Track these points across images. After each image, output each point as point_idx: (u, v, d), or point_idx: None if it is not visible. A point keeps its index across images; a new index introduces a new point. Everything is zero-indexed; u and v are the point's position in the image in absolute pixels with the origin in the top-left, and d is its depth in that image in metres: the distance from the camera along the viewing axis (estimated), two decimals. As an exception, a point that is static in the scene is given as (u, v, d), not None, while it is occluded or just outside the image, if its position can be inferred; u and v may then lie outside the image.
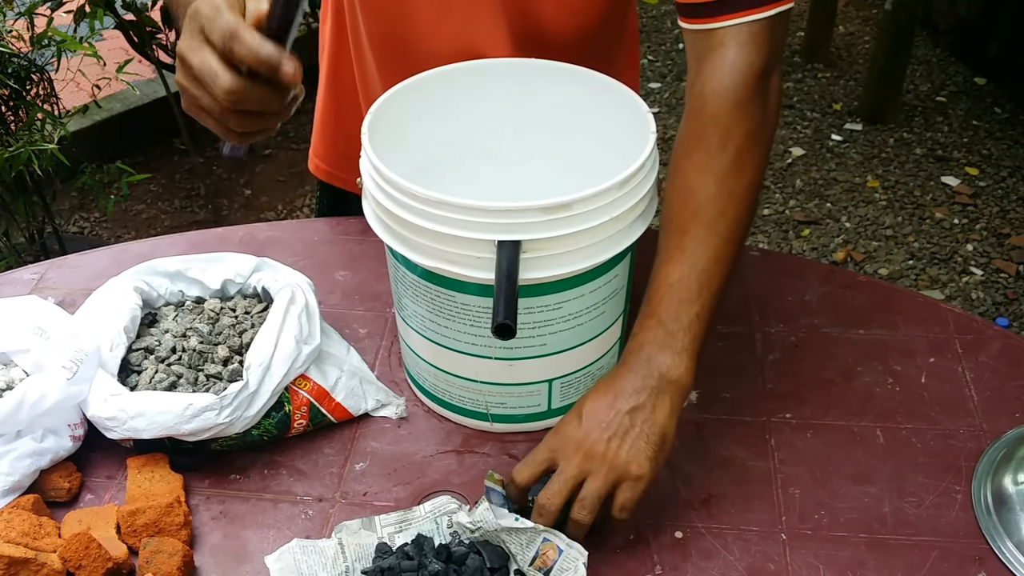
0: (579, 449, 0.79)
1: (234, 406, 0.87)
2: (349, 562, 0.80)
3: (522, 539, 0.79)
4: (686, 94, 0.87)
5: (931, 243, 2.64)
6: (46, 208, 2.23)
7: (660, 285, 0.83)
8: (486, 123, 1.01)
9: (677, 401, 0.81)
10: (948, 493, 0.89)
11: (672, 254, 0.83)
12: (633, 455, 0.79)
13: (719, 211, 0.83)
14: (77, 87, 2.22)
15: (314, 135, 1.25)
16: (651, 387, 0.80)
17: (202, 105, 0.73)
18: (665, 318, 0.81)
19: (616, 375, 0.82)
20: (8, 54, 1.92)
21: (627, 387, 0.80)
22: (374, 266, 1.16)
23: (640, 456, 0.79)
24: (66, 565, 0.79)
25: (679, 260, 0.82)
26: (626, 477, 0.79)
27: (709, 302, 0.82)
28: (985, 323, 1.07)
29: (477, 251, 0.80)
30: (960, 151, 2.99)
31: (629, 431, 0.79)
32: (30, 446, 0.87)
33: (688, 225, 0.83)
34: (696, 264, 0.82)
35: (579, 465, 0.79)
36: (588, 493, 0.78)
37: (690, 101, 0.86)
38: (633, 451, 0.79)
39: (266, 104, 0.73)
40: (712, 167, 0.83)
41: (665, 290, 0.82)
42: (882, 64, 3.02)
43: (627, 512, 0.80)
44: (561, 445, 0.81)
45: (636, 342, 0.83)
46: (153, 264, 1.02)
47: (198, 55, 0.71)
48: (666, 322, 0.81)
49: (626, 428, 0.79)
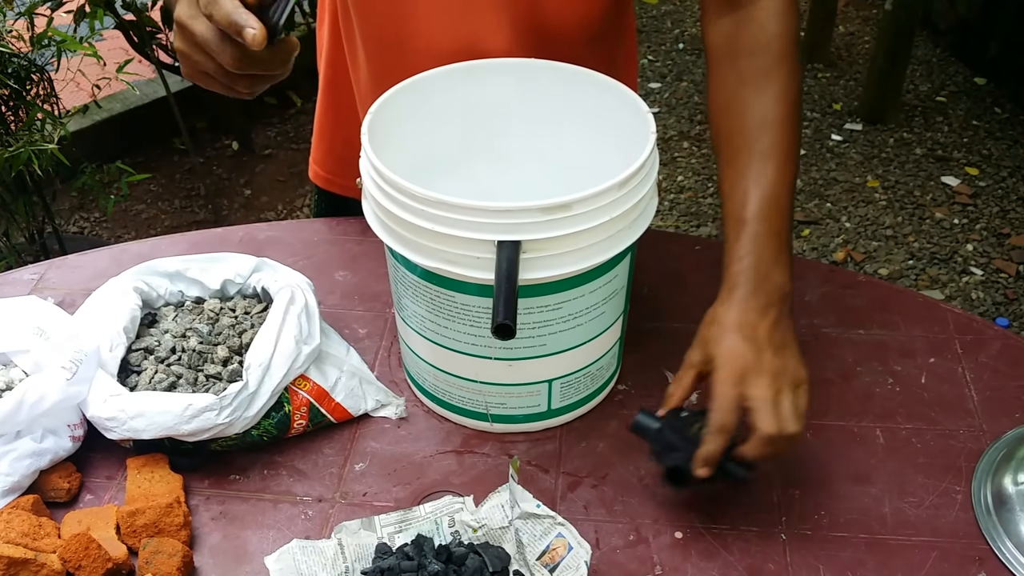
0: (737, 365, 0.81)
1: (234, 406, 0.87)
2: (349, 562, 0.80)
3: (537, 530, 0.79)
4: (714, 37, 0.93)
5: (931, 243, 2.64)
6: (46, 208, 2.23)
7: (754, 201, 0.86)
8: (486, 123, 1.01)
9: (790, 311, 0.86)
10: (948, 493, 0.89)
11: (758, 175, 0.87)
12: (794, 362, 0.82)
13: (795, 135, 0.90)
14: (77, 87, 2.22)
15: (314, 140, 1.25)
16: (776, 303, 0.84)
17: (206, 71, 0.76)
18: (770, 234, 0.86)
19: (737, 298, 0.84)
20: (8, 54, 1.92)
21: (757, 306, 0.83)
22: (374, 266, 1.16)
23: (798, 361, 0.83)
24: (66, 566, 0.79)
25: (766, 180, 0.87)
26: (800, 382, 0.82)
27: (791, 217, 0.89)
28: (985, 323, 1.07)
29: (477, 251, 0.80)
30: (960, 151, 2.99)
31: (780, 342, 0.82)
32: (29, 446, 0.87)
33: (772, 150, 0.88)
34: (780, 184, 0.87)
35: (742, 379, 0.80)
36: (782, 401, 0.80)
37: (743, 40, 0.91)
38: (792, 359, 0.82)
39: (269, 66, 0.75)
40: (788, 98, 0.90)
41: (763, 206, 0.86)
42: (882, 64, 3.02)
43: (803, 420, 0.81)
44: (717, 364, 0.82)
45: (748, 261, 0.85)
46: (153, 264, 1.02)
47: (200, 23, 0.74)
48: (771, 238, 0.86)
49: (777, 341, 0.82)
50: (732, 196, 0.88)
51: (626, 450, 0.93)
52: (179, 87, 2.80)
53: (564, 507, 0.88)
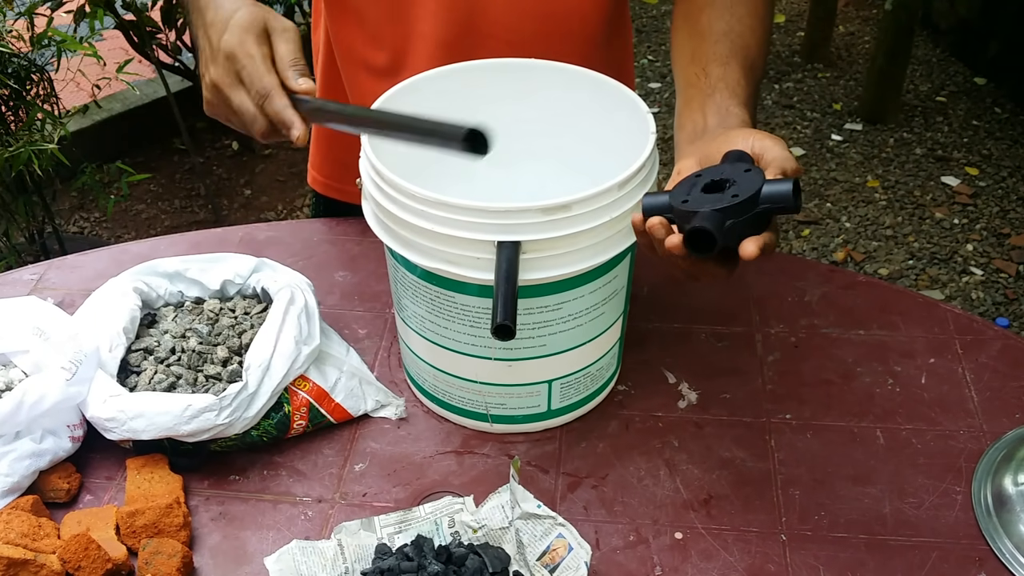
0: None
1: (233, 407, 0.87)
2: (349, 563, 0.80)
3: (537, 530, 0.79)
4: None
5: (931, 243, 2.64)
6: (46, 208, 2.23)
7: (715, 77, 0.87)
8: (486, 123, 1.01)
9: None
10: (948, 494, 0.89)
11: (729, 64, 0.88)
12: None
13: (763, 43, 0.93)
14: (77, 87, 2.22)
15: (311, 145, 1.25)
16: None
17: (231, 123, 0.88)
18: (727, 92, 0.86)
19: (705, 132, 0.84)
20: (8, 54, 1.92)
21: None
22: (373, 266, 1.16)
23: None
24: (65, 566, 0.79)
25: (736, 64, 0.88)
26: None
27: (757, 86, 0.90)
28: (985, 323, 1.07)
29: (477, 252, 0.80)
30: (960, 151, 2.99)
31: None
32: (29, 447, 0.87)
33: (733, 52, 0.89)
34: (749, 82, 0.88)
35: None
36: (777, 154, 0.76)
37: None
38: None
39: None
40: (762, 14, 0.93)
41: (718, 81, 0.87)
42: (882, 64, 3.02)
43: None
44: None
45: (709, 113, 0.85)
46: (152, 264, 1.02)
47: (239, 95, 0.84)
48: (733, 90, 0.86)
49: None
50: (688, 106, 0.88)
51: (626, 450, 0.93)
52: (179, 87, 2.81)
53: (564, 508, 0.88)
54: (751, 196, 0.70)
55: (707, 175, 0.74)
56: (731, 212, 0.70)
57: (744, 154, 0.75)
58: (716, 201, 0.70)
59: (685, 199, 0.72)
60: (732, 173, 0.73)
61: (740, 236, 0.70)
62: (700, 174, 0.74)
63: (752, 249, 0.69)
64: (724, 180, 0.72)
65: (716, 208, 0.70)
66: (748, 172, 0.72)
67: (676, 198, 0.73)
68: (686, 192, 0.73)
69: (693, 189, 0.73)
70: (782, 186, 0.70)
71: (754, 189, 0.70)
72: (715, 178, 0.73)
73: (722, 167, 0.74)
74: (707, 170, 0.75)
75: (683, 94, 0.90)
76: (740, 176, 0.72)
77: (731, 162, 0.75)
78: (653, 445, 0.94)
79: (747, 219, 0.70)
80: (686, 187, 0.74)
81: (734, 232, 0.70)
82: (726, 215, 0.70)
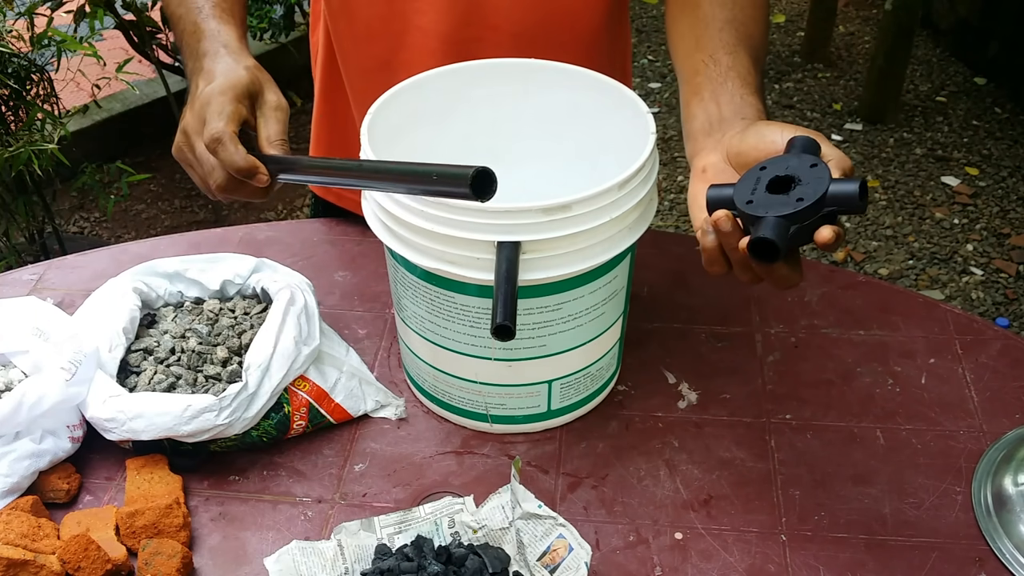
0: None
1: (233, 407, 0.87)
2: (348, 563, 0.80)
3: (538, 530, 0.79)
4: None
5: (931, 243, 2.64)
6: (46, 208, 2.23)
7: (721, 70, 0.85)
8: (486, 123, 1.01)
9: None
10: (948, 494, 0.89)
11: (730, 50, 0.86)
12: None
13: (767, 34, 0.92)
14: (77, 87, 2.22)
15: (311, 149, 1.25)
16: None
17: (194, 173, 0.86)
18: (741, 81, 0.84)
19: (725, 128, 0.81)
20: (8, 54, 1.92)
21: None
22: (373, 266, 1.16)
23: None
24: (65, 567, 0.79)
25: (735, 52, 0.86)
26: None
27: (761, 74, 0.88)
28: (985, 323, 1.07)
29: (477, 252, 0.80)
30: (960, 151, 2.99)
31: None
32: (29, 447, 0.87)
33: (750, 39, 0.88)
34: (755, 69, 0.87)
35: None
36: (830, 152, 0.73)
37: None
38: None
39: (252, 197, 0.86)
40: (760, 2, 0.92)
41: (729, 71, 0.85)
42: (882, 64, 3.02)
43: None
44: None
45: (723, 102, 0.82)
46: (152, 265, 1.02)
47: (200, 142, 0.82)
48: (744, 79, 0.84)
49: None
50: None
51: (626, 450, 0.93)
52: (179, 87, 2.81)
53: (564, 508, 0.88)
54: (817, 200, 0.68)
55: (772, 168, 0.71)
56: (796, 217, 0.68)
57: (810, 143, 0.72)
58: (782, 205, 0.68)
59: (750, 199, 0.70)
60: (798, 168, 0.70)
61: (804, 240, 0.69)
62: (765, 166, 0.72)
63: (828, 234, 0.67)
64: (790, 177, 0.70)
65: (781, 215, 0.68)
66: (814, 168, 0.70)
67: (740, 196, 0.71)
68: (750, 189, 0.71)
69: (758, 186, 0.71)
70: (848, 186, 0.68)
71: (821, 191, 0.68)
72: (780, 173, 0.70)
73: (787, 159, 0.71)
74: (772, 162, 0.72)
75: (689, 83, 0.87)
76: (806, 172, 0.70)
77: (796, 152, 0.72)
78: (653, 445, 0.94)
79: (812, 223, 0.68)
80: (751, 182, 0.71)
81: (799, 237, 0.69)
82: (791, 220, 0.68)
